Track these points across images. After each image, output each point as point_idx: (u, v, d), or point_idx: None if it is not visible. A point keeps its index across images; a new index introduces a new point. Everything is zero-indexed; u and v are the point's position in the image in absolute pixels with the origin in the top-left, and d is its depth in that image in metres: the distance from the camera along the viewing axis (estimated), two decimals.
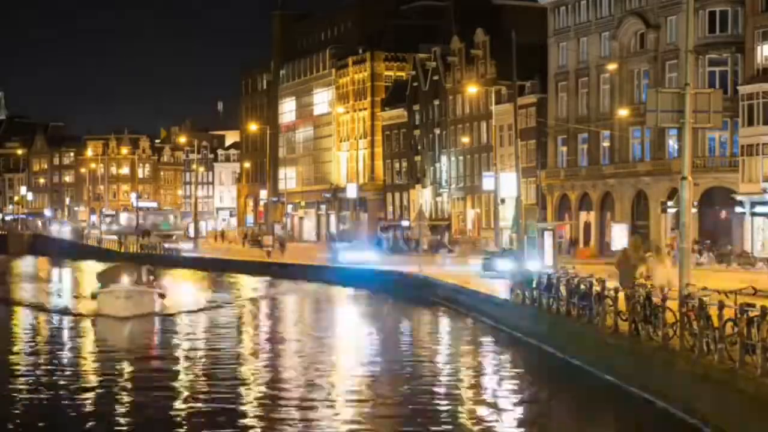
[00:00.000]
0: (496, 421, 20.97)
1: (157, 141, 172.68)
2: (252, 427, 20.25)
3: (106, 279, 44.24)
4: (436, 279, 48.94)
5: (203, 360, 30.03)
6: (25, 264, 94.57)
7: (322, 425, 20.31)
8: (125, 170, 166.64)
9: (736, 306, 19.13)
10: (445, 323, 40.11)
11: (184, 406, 22.32)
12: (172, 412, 21.56)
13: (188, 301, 48.43)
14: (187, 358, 30.44)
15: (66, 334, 38.25)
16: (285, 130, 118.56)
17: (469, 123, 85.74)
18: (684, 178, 24.51)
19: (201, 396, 23.44)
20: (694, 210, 38.56)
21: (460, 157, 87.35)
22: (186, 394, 23.83)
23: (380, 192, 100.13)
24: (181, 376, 26.68)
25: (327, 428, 20.10)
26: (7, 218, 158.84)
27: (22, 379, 26.30)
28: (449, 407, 22.38)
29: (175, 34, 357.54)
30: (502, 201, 63.76)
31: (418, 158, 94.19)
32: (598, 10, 70.56)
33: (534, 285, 32.84)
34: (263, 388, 24.68)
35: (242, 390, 24.39)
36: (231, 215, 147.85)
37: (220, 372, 27.00)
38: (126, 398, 23.37)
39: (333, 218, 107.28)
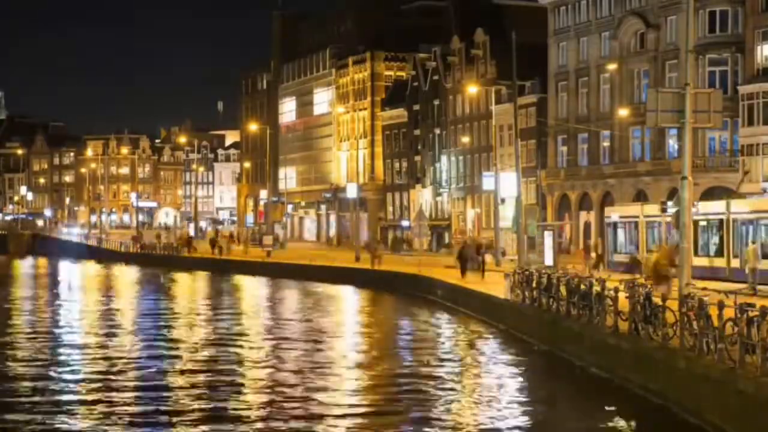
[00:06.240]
0: (497, 419, 20.96)
1: (157, 141, 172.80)
2: None
3: None
4: (436, 278, 48.92)
5: None
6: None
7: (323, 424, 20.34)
8: (125, 170, 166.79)
9: (736, 306, 19.11)
10: (444, 322, 40.08)
11: None
12: None
13: None
14: None
15: None
16: (285, 130, 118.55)
17: (469, 123, 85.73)
18: (684, 178, 24.51)
19: None
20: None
21: (460, 157, 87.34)
22: None
23: (380, 192, 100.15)
24: None
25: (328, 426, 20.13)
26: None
27: None
28: (450, 405, 22.37)
29: (176, 34, 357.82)
30: (502, 201, 63.72)
31: (418, 158, 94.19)
32: (598, 10, 70.57)
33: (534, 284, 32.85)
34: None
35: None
36: (231, 215, 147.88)
37: None
38: None
39: (333, 218, 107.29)
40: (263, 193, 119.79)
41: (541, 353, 29.50)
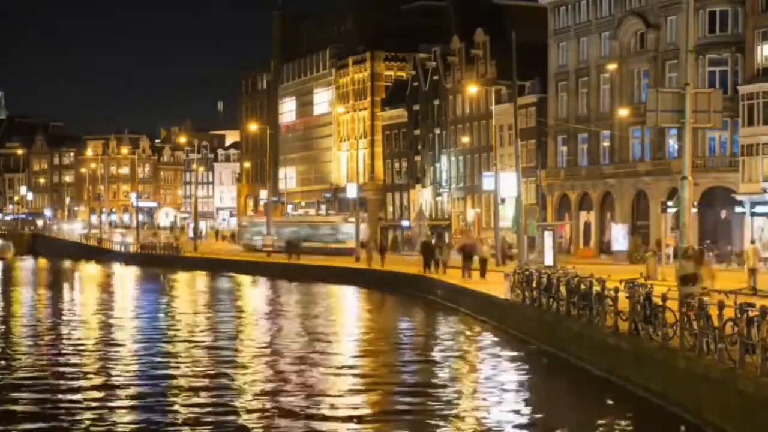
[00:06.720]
0: (497, 418, 20.96)
1: (157, 141, 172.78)
2: None
3: None
4: (436, 278, 48.90)
5: None
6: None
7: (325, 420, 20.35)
8: (125, 170, 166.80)
9: (736, 306, 19.11)
10: (444, 322, 40.07)
11: None
12: None
13: None
14: None
15: None
16: (285, 130, 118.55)
17: (469, 123, 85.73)
18: (684, 178, 24.50)
19: None
20: (694, 210, 38.57)
21: (460, 157, 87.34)
22: None
23: (380, 192, 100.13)
24: None
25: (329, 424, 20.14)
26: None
27: None
28: (450, 405, 22.37)
29: (176, 34, 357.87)
30: (502, 201, 63.72)
31: (418, 158, 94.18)
32: (598, 10, 70.55)
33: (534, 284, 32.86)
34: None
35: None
36: (231, 215, 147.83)
37: None
38: None
39: None
40: (263, 193, 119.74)
41: (541, 353, 29.49)
